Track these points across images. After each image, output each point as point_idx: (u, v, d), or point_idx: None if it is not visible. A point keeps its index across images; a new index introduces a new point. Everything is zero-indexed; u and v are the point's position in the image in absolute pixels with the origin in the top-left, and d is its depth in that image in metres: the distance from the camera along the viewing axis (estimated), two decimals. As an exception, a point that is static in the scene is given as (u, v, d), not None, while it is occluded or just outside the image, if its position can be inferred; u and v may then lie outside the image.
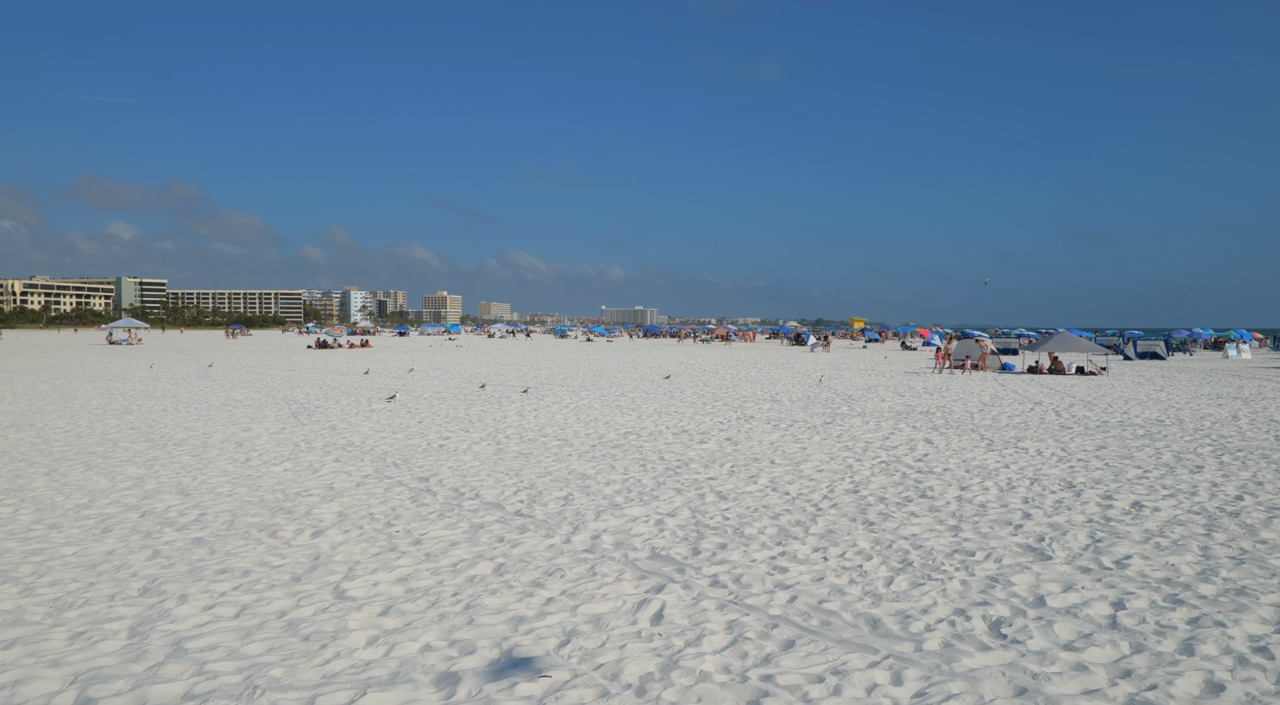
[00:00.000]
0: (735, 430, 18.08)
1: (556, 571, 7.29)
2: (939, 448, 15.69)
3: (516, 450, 15.05)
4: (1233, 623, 6.19)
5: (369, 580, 6.98)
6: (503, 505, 10.20)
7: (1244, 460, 14.27)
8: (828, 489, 11.54)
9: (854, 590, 6.89)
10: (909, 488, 11.68)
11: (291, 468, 13.03)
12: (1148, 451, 15.28)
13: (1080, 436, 17.32)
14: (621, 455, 14.53)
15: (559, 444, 15.88)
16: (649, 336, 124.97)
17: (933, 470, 13.16)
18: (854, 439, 16.81)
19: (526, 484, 11.71)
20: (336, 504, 10.17)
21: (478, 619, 6.02)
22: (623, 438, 16.85)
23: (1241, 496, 11.17)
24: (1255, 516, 9.93)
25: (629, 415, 20.88)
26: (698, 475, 12.54)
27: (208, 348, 69.56)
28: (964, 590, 6.93)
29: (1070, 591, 6.93)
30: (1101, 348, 39.99)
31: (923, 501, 10.74)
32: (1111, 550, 8.29)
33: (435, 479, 12.03)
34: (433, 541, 8.35)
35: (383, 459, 13.91)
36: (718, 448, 15.56)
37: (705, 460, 14.00)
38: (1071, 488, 11.82)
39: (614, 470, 12.93)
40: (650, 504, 10.38)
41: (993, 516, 9.87)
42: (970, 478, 12.52)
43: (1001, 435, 17.45)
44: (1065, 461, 14.15)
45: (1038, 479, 12.46)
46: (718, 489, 11.45)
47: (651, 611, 6.26)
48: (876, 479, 12.36)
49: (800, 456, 14.51)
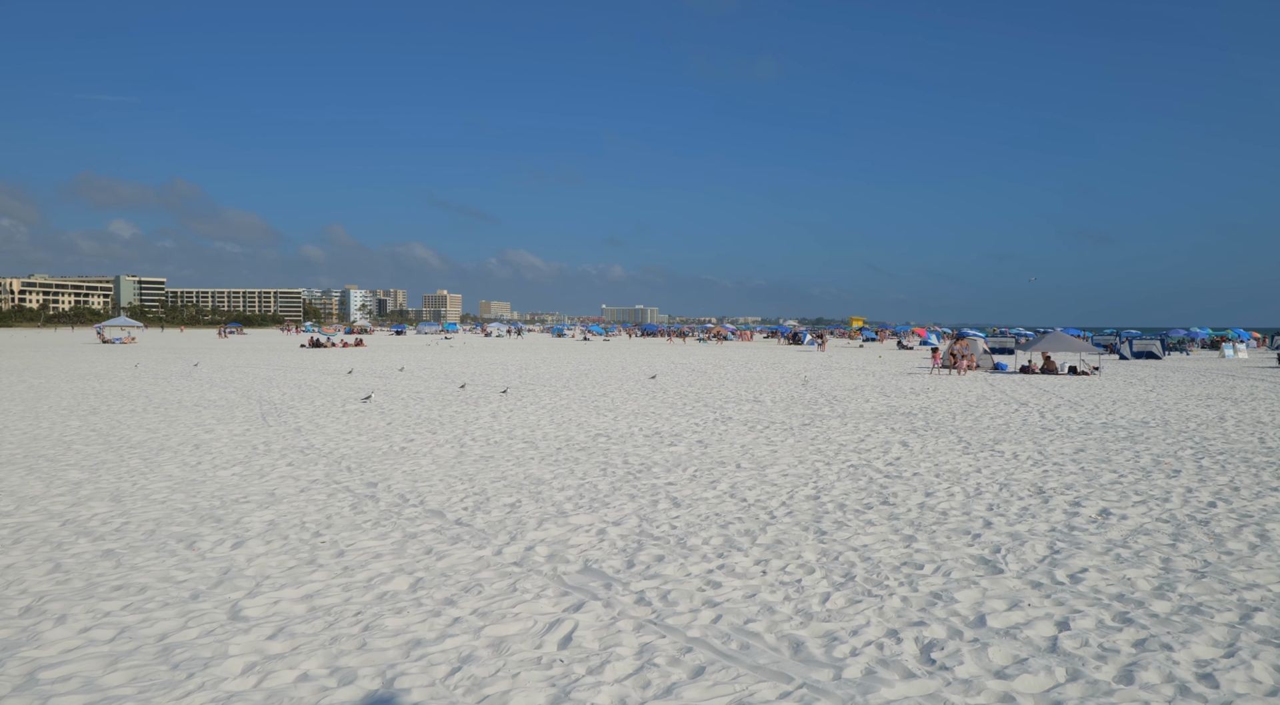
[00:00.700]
0: (709, 432, 17.70)
1: (475, 587, 6.91)
2: (913, 451, 15.30)
3: (479, 453, 14.68)
4: (1181, 646, 5.80)
5: (272, 597, 6.60)
6: (444, 513, 9.83)
7: (1224, 464, 13.88)
8: (788, 495, 11.15)
9: (785, 608, 6.50)
10: (872, 494, 11.30)
11: (241, 472, 12.66)
12: (1127, 455, 14.90)
13: (1060, 439, 16.93)
14: (585, 459, 14.15)
15: (524, 447, 15.51)
16: (647, 336, 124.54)
17: (901, 475, 12.77)
18: (828, 441, 16.43)
19: (477, 490, 11.33)
20: (271, 512, 9.79)
21: (371, 643, 5.64)
22: (592, 440, 16.47)
23: (1215, 503, 10.78)
24: (1225, 525, 9.54)
25: (605, 416, 20.50)
26: (657, 480, 12.16)
27: (200, 347, 69.23)
28: (902, 608, 6.55)
29: (1015, 610, 6.54)
30: (1094, 347, 39.57)
31: (883, 509, 10.35)
32: (1068, 563, 7.90)
33: (384, 484, 11.65)
34: (356, 553, 7.98)
35: (338, 463, 13.54)
36: (686, 451, 15.17)
37: (669, 464, 13.62)
38: (1041, 493, 11.44)
39: (572, 475, 12.56)
40: (599, 512, 10.00)
41: (952, 525, 9.48)
42: (938, 483, 12.13)
43: (980, 438, 17.06)
44: (1040, 465, 13.77)
45: (1008, 484, 12.07)
46: (674, 495, 11.07)
47: (561, 634, 5.88)
48: (841, 484, 11.98)
49: (768, 460, 14.13)
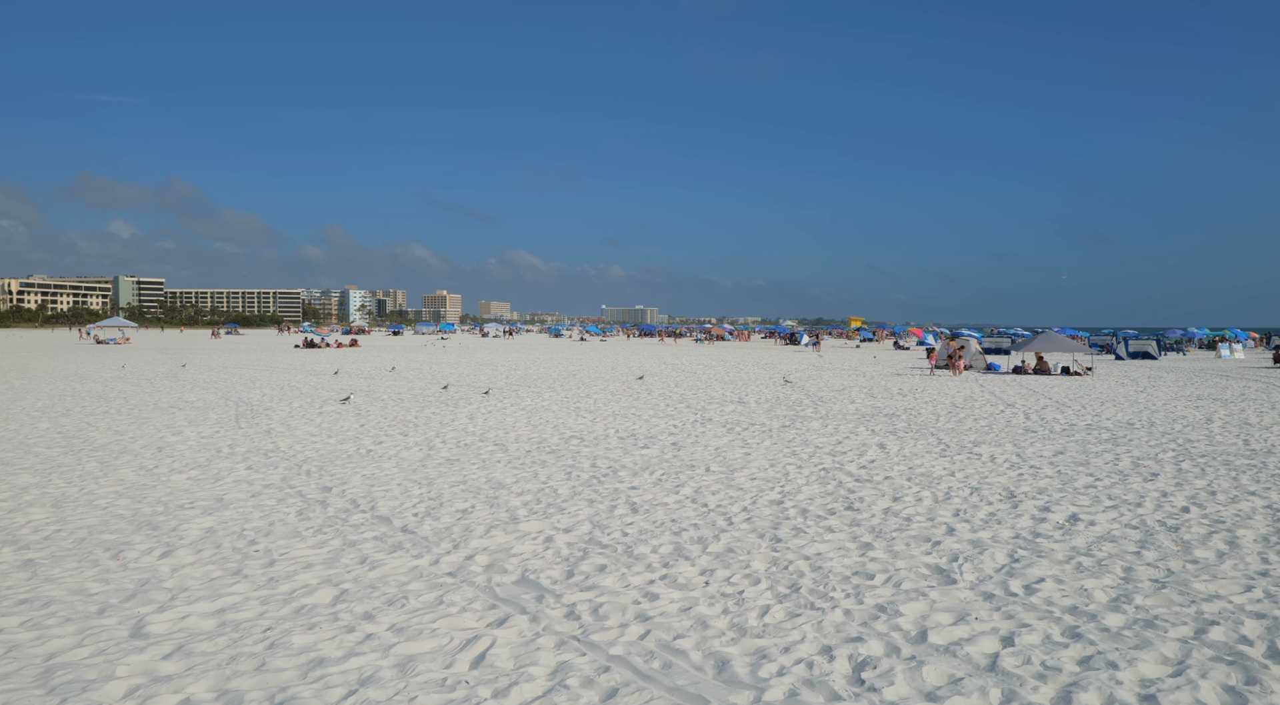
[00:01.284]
0: (686, 434, 17.41)
1: (399, 600, 6.62)
2: (890, 453, 15.01)
3: (446, 456, 14.40)
4: (1127, 664, 5.51)
5: (183, 612, 6.31)
6: (392, 519, 9.54)
7: (1204, 467, 13.58)
8: (751, 500, 10.87)
9: (720, 623, 6.22)
10: (839, 499, 11.01)
11: (196, 476, 12.38)
12: (1106, 457, 14.60)
13: (1042, 441, 16.64)
14: (553, 462, 13.87)
15: (494, 449, 15.22)
16: (645, 336, 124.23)
17: (872, 479, 12.48)
18: (805, 443, 16.14)
19: (433, 495, 11.05)
20: (213, 518, 9.51)
21: (271, 662, 5.35)
22: (565, 442, 16.19)
23: (1188, 508, 10.49)
24: (1195, 532, 9.25)
25: (583, 418, 20.22)
26: (620, 484, 11.88)
27: (193, 348, 68.96)
28: (843, 622, 6.26)
29: (960, 624, 6.25)
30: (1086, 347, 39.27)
31: (846, 514, 10.07)
32: (1026, 572, 7.61)
33: (339, 489, 11.36)
34: (287, 563, 7.69)
35: (299, 466, 13.26)
36: (658, 453, 14.89)
37: (638, 467, 13.33)
38: (1012, 498, 11.15)
39: (535, 479, 12.27)
40: (552, 518, 9.72)
41: (914, 531, 9.19)
42: (909, 487, 11.84)
43: (960, 439, 16.77)
44: (1016, 468, 13.48)
45: (980, 488, 11.78)
46: (634, 500, 10.79)
47: (476, 652, 5.59)
48: (809, 488, 11.69)
49: (740, 463, 13.84)
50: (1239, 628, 6.17)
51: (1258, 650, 5.76)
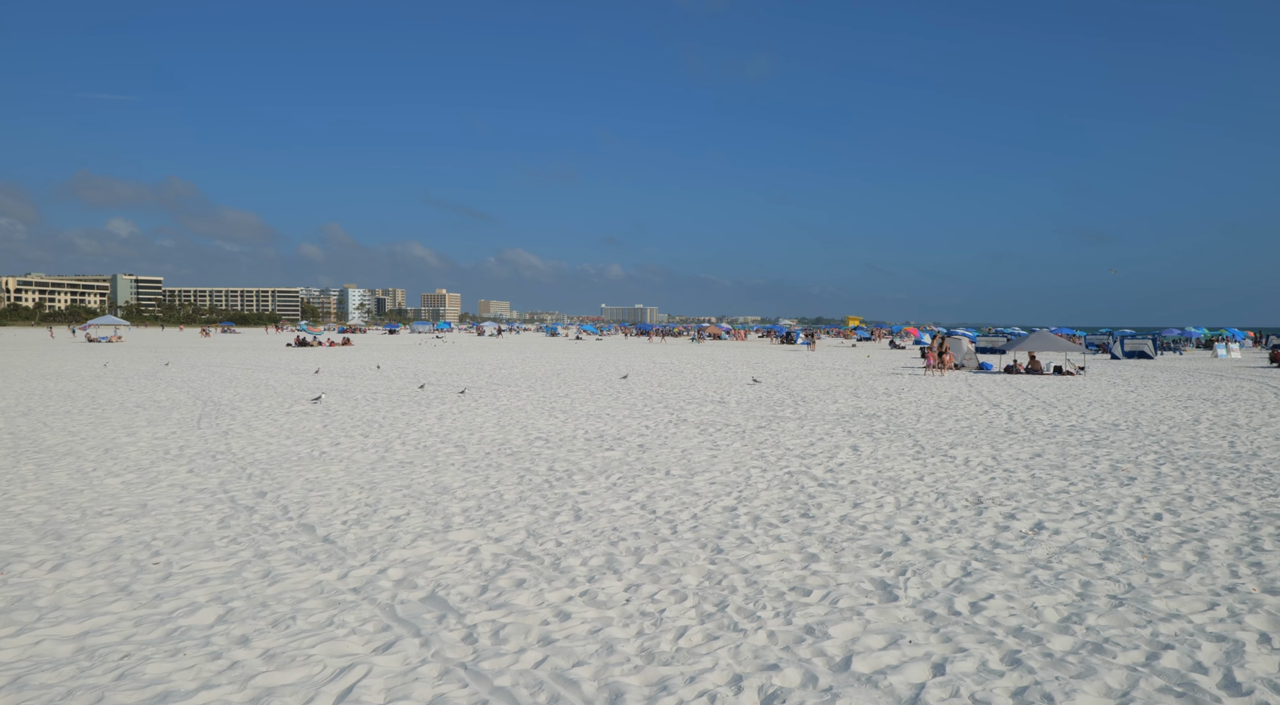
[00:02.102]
0: (656, 435, 16.90)
1: (286, 621, 6.10)
2: (861, 455, 14.49)
3: (400, 458, 13.89)
4: (1065, 696, 4.99)
5: (39, 636, 5.79)
6: (316, 528, 9.03)
7: (1184, 470, 13.06)
8: (703, 507, 10.35)
9: (629, 647, 5.70)
10: (796, 505, 10.49)
11: (133, 480, 11.88)
12: (1085, 460, 14.08)
13: (1021, 443, 16.11)
14: (510, 464, 13.36)
15: (452, 451, 14.71)
16: (642, 335, 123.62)
17: (837, 483, 11.97)
18: (776, 445, 15.63)
19: (371, 500, 10.54)
20: (127, 527, 9.00)
21: (111, 697, 4.84)
22: (529, 444, 15.68)
23: (1161, 515, 9.97)
24: (1165, 541, 8.72)
25: (555, 418, 19.71)
26: (572, 489, 11.36)
27: (183, 346, 68.48)
28: (763, 647, 5.74)
29: (892, 648, 5.73)
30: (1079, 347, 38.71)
31: (800, 522, 9.55)
32: (976, 587, 7.09)
33: (273, 494, 10.85)
34: (183, 578, 7.18)
35: (242, 469, 12.75)
36: (622, 455, 14.38)
37: (596, 470, 12.82)
38: (978, 504, 10.63)
39: (484, 483, 11.76)
40: (487, 526, 9.20)
41: (867, 541, 8.68)
42: (873, 492, 11.32)
43: (937, 441, 16.24)
44: (990, 472, 12.96)
45: (946, 493, 11.26)
46: (580, 506, 10.27)
47: (346, 684, 5.07)
48: (767, 493, 11.18)
49: (704, 466, 13.33)
50: (1194, 653, 5.65)
51: (1211, 680, 5.24)
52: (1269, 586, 7.20)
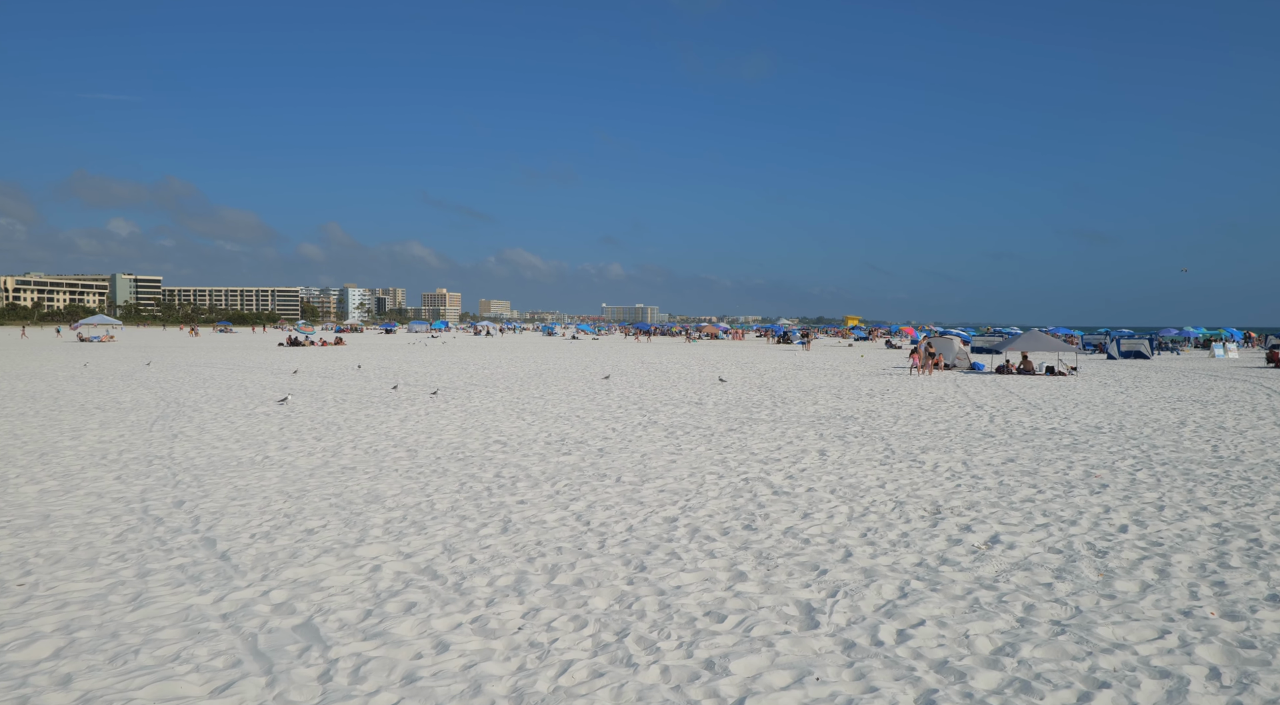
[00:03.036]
0: (620, 438, 16.32)
1: (125, 656, 5.51)
2: (827, 460, 13.90)
3: (344, 464, 13.32)
4: (975, 746, 4.40)
5: None
6: (218, 542, 8.45)
7: (1160, 477, 12.46)
8: (643, 517, 9.77)
9: (499, 687, 5.11)
10: (742, 516, 9.91)
11: (54, 487, 11.32)
12: (1059, 466, 13.49)
13: (996, 447, 15.52)
14: (457, 470, 12.79)
15: (401, 455, 14.14)
16: (640, 334, 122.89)
17: (793, 491, 11.38)
18: (741, 449, 15.04)
19: (292, 510, 9.96)
20: (13, 542, 8.43)
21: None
22: (484, 447, 15.10)
23: (1127, 527, 9.38)
24: (1125, 557, 8.13)
25: (522, 421, 19.13)
26: (511, 498, 10.79)
27: (173, 345, 67.93)
28: (650, 687, 5.15)
29: (794, 687, 5.15)
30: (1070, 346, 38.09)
31: (740, 535, 8.96)
32: (909, 611, 6.50)
33: (193, 503, 10.29)
34: (43, 601, 6.60)
35: (173, 476, 12.19)
36: (577, 460, 13.80)
37: (544, 477, 12.25)
38: (936, 514, 10.04)
39: (421, 491, 11.19)
40: (403, 540, 8.63)
41: (805, 557, 8.09)
42: (828, 501, 10.74)
43: (909, 445, 15.65)
44: (957, 479, 12.37)
45: (905, 502, 10.68)
46: (512, 517, 9.70)
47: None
48: (716, 502, 10.60)
49: (659, 472, 12.75)
50: (1132, 693, 5.06)
51: (1145, 726, 4.65)
52: (1228, 610, 6.61)
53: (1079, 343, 73.00)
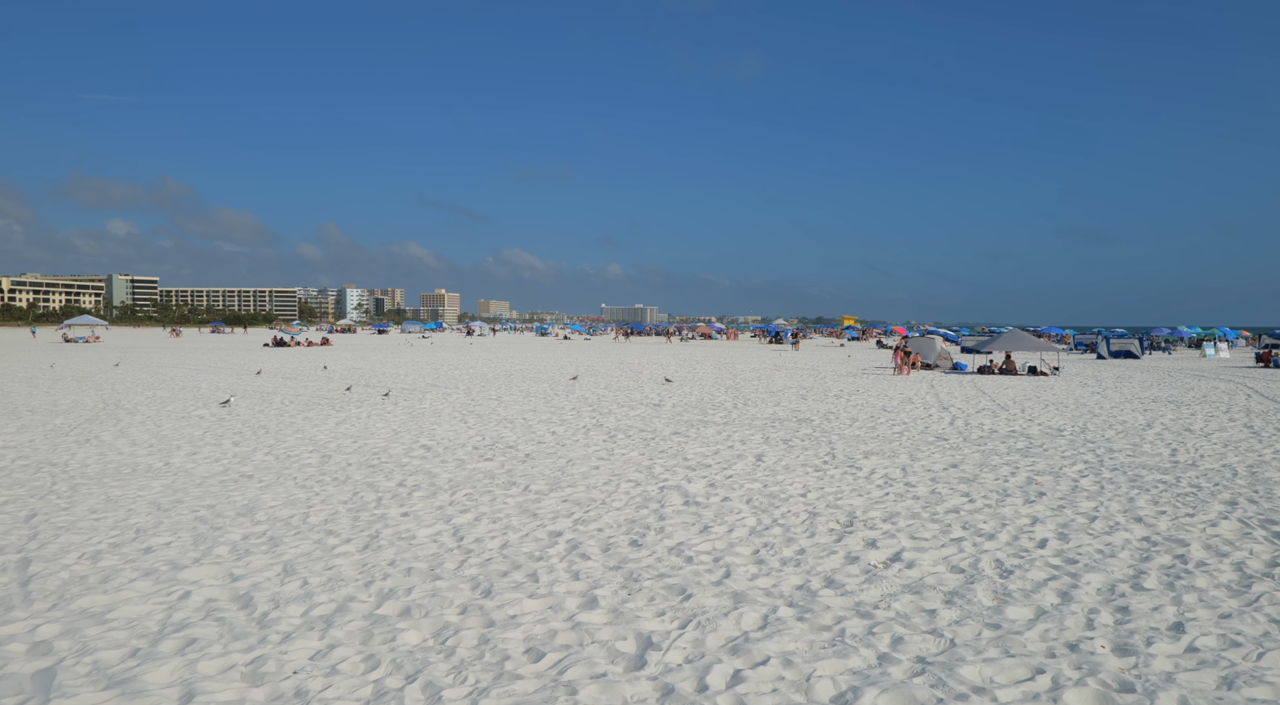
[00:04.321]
0: (556, 442, 15.57)
1: None
2: (762, 466, 13.14)
3: (244, 471, 12.58)
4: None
5: None
6: (33, 562, 7.70)
7: (1105, 484, 11.69)
8: (526, 532, 9.02)
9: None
10: (636, 529, 9.16)
11: (-86, 499, 10.56)
12: (1003, 471, 12.72)
13: (946, 451, 14.74)
14: (360, 478, 12.06)
15: (311, 461, 13.40)
16: (635, 334, 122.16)
17: (707, 501, 10.62)
18: (676, 454, 14.28)
19: (149, 524, 9.23)
20: None
21: None
22: (406, 453, 14.35)
23: (1047, 541, 8.61)
24: (1031, 577, 7.37)
25: (463, 423, 18.38)
26: (396, 510, 10.05)
27: (156, 346, 67.22)
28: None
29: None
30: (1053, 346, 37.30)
31: (620, 552, 8.22)
32: (758, 647, 5.74)
33: (45, 516, 9.55)
34: None
35: (51, 484, 11.48)
36: (496, 467, 13.06)
37: (447, 486, 11.53)
38: (848, 527, 9.28)
39: (303, 503, 10.45)
40: (244, 559, 7.88)
41: (678, 579, 7.34)
42: (739, 512, 9.99)
43: (854, 449, 14.88)
44: (889, 486, 11.61)
45: (821, 513, 9.92)
46: (383, 533, 8.95)
47: None
48: (616, 514, 9.85)
49: (575, 480, 12.01)
50: (967, 753, 4.29)
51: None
52: (1122, 642, 5.84)
53: (1071, 342, 72.20)
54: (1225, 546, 8.46)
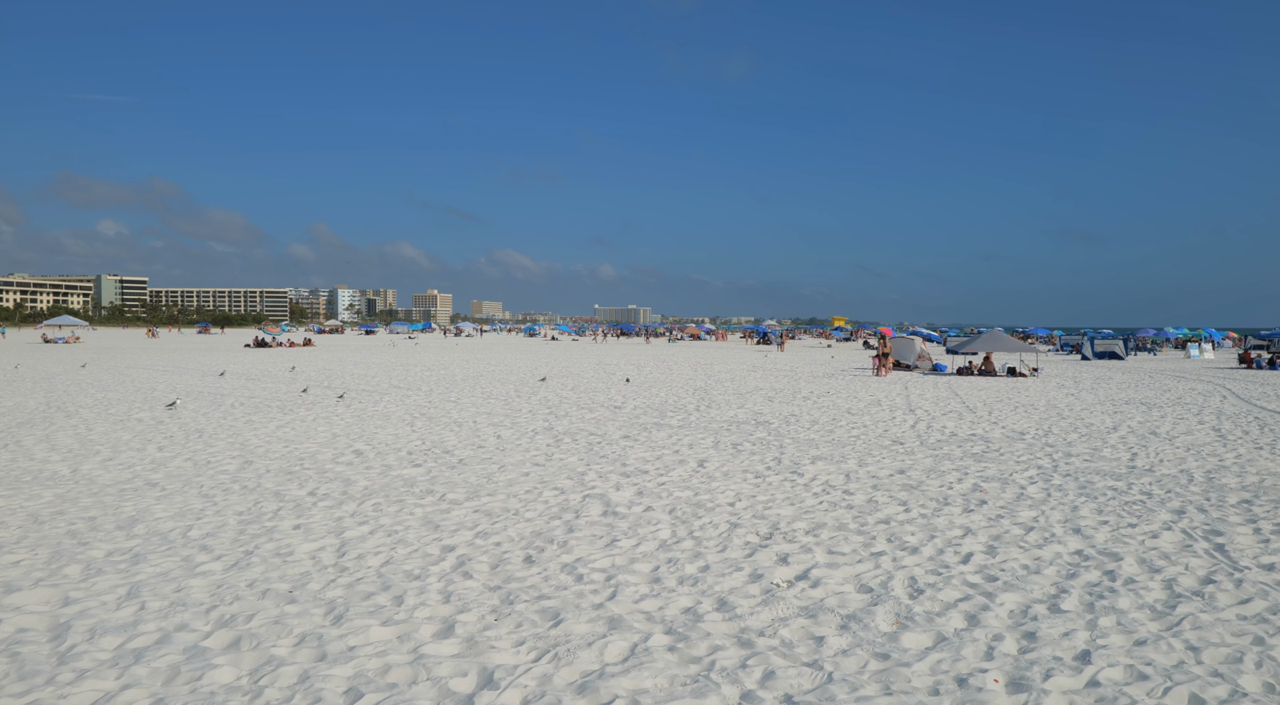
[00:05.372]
0: (495, 447, 14.95)
1: None
2: (702, 472, 12.56)
3: (151, 479, 11.96)
4: None
5: None
6: None
7: (1051, 491, 11.12)
8: (416, 548, 8.42)
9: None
10: (537, 544, 8.56)
11: None
12: (950, 478, 12.15)
13: (898, 455, 14.17)
14: (271, 486, 11.45)
15: (229, 468, 12.78)
16: (624, 335, 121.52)
17: (628, 512, 10.03)
18: (614, 461, 13.68)
19: (12, 541, 8.58)
20: None
21: None
22: (334, 458, 13.73)
23: (972, 556, 8.03)
24: (942, 598, 6.77)
25: (409, 427, 17.76)
26: (289, 522, 9.44)
27: (135, 347, 66.42)
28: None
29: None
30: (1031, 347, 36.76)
31: (508, 570, 7.61)
32: (605, 686, 5.15)
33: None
34: None
35: (-63, 495, 10.79)
36: (423, 474, 12.47)
37: (360, 495, 10.94)
38: (767, 539, 8.69)
39: (192, 515, 9.82)
40: (92, 579, 7.27)
41: (556, 602, 6.74)
42: (656, 523, 9.39)
43: (803, 453, 14.29)
44: (826, 494, 11.03)
45: (745, 524, 9.34)
46: (262, 548, 8.34)
47: None
48: (522, 527, 9.25)
49: (498, 488, 11.43)
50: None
51: None
52: (1018, 675, 5.25)
53: (1058, 343, 71.80)
54: (1160, 561, 7.89)
